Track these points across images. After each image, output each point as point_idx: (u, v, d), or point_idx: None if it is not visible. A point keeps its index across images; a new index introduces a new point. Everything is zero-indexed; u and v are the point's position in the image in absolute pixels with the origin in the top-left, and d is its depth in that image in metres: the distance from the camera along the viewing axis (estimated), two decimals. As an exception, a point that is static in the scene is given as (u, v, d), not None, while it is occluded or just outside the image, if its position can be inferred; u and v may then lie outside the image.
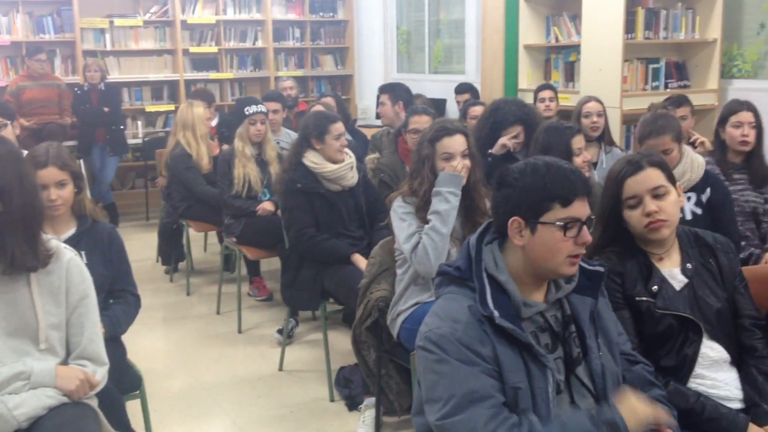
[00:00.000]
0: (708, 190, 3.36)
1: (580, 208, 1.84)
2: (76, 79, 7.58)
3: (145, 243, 6.61)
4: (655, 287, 2.25)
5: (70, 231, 2.81)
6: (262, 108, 4.92)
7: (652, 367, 2.05)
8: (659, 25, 5.92)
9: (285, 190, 3.94)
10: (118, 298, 2.90)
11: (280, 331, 4.51)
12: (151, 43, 8.24)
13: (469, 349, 1.76)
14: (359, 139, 5.86)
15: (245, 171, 4.84)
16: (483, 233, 1.96)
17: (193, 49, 8.38)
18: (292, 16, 8.94)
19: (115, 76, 7.91)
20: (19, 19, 7.62)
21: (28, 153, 2.77)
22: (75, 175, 2.77)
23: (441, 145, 3.05)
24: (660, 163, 2.31)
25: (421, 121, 4.21)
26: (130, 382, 2.85)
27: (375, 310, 3.14)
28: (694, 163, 3.35)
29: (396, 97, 5.43)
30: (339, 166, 3.92)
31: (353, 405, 3.67)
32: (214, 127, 6.35)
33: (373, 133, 5.78)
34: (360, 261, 3.72)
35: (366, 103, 9.04)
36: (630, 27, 5.75)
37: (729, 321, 2.29)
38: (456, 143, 3.05)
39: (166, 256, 5.97)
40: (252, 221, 4.79)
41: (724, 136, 3.83)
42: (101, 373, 2.34)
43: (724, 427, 2.12)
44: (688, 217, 3.32)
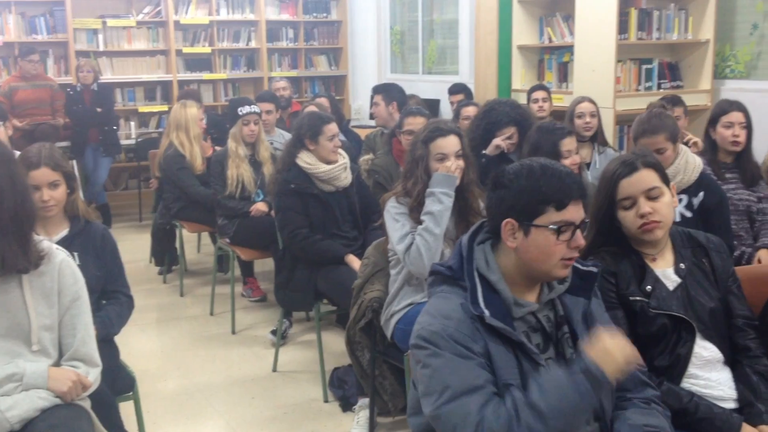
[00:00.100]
0: (701, 194, 3.31)
1: (575, 212, 1.83)
2: (69, 80, 7.56)
3: (139, 244, 6.60)
4: (648, 287, 2.25)
5: (63, 232, 2.80)
6: (256, 108, 4.91)
7: (645, 368, 2.05)
8: (652, 25, 5.94)
9: (278, 190, 3.93)
10: (111, 299, 2.90)
11: (273, 332, 4.51)
12: (144, 44, 8.23)
13: (462, 344, 1.76)
14: (353, 140, 5.85)
15: (239, 172, 4.83)
16: (475, 233, 1.96)
17: (186, 50, 8.37)
18: (285, 17, 8.93)
19: (107, 77, 7.90)
20: (12, 20, 7.60)
21: (20, 154, 2.76)
22: (68, 176, 2.77)
23: (435, 145, 3.05)
24: (654, 164, 2.32)
25: (416, 122, 4.21)
26: (123, 383, 2.85)
27: (369, 310, 3.13)
28: (688, 164, 3.31)
29: (390, 97, 5.42)
30: (332, 167, 3.91)
31: (347, 406, 3.67)
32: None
33: (366, 134, 5.77)
34: (354, 262, 3.72)
35: (359, 104, 9.03)
36: (623, 27, 5.76)
37: (722, 321, 2.29)
38: (449, 144, 3.05)
39: (159, 257, 5.96)
40: (245, 222, 4.78)
41: (715, 137, 3.84)
42: (94, 374, 2.33)
43: (717, 426, 2.12)
44: (677, 219, 3.30)
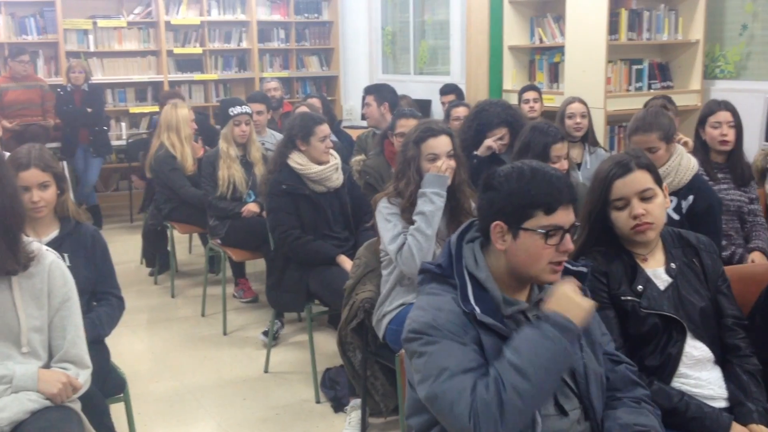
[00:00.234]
0: (691, 198, 3.24)
1: (564, 216, 1.83)
2: (59, 81, 7.53)
3: (130, 245, 6.58)
4: (640, 287, 2.25)
5: (53, 233, 2.79)
6: (247, 109, 4.90)
7: (635, 367, 2.06)
8: (642, 26, 5.96)
9: (270, 191, 3.93)
10: (102, 301, 2.88)
11: (265, 333, 4.50)
12: (134, 44, 8.20)
13: (454, 333, 1.77)
14: (344, 141, 5.85)
15: (230, 172, 4.82)
16: (464, 231, 1.97)
17: (178, 50, 8.35)
18: (276, 17, 8.92)
19: (98, 78, 7.87)
20: (2, 20, 7.57)
21: (10, 155, 2.75)
22: (57, 177, 2.76)
23: (426, 146, 3.05)
24: (648, 166, 2.32)
25: (409, 124, 4.19)
26: (113, 385, 2.84)
27: (360, 311, 3.14)
28: (681, 166, 3.25)
29: (381, 98, 5.42)
30: (324, 168, 3.91)
31: (339, 406, 3.67)
32: None
33: (358, 135, 5.77)
34: (345, 262, 3.71)
35: (351, 104, 9.03)
36: (613, 28, 5.78)
37: (712, 320, 2.30)
38: (441, 144, 3.05)
39: (150, 258, 5.94)
40: (237, 223, 4.77)
41: (705, 137, 3.85)
42: (84, 376, 2.32)
43: (707, 426, 2.13)
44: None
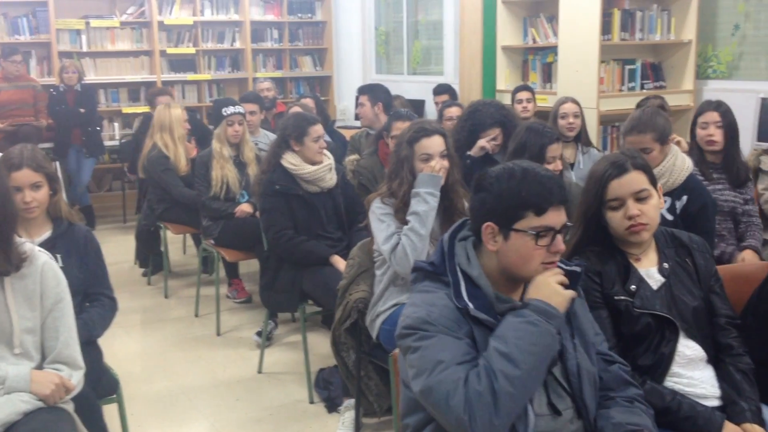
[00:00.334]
0: (684, 198, 3.26)
1: (555, 217, 1.83)
2: (52, 81, 7.50)
3: (123, 245, 6.56)
4: (633, 287, 2.26)
5: (46, 234, 2.78)
6: (240, 109, 4.90)
7: (628, 367, 2.06)
8: (635, 26, 5.97)
9: (263, 191, 3.92)
10: (94, 302, 2.87)
11: (259, 334, 4.49)
12: (127, 44, 8.18)
13: (448, 327, 1.78)
14: (338, 141, 5.85)
15: (223, 173, 4.81)
16: (456, 230, 1.98)
17: (171, 50, 8.33)
18: (270, 17, 8.91)
19: (91, 78, 7.84)
20: (-6, 21, 7.54)
21: (2, 155, 2.74)
22: (50, 177, 2.75)
23: (419, 146, 3.06)
24: (644, 166, 2.33)
25: (405, 127, 4.19)
26: (106, 386, 2.83)
27: (354, 311, 3.14)
28: (675, 167, 3.26)
29: (375, 98, 5.42)
30: (317, 168, 3.91)
31: (333, 407, 3.67)
32: None
33: (352, 135, 5.77)
34: (339, 262, 3.71)
35: (345, 105, 9.03)
36: (606, 28, 5.80)
37: (705, 320, 2.31)
38: (434, 144, 3.05)
39: (143, 258, 5.92)
40: (230, 223, 4.76)
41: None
42: (77, 377, 2.32)
43: (700, 425, 2.13)
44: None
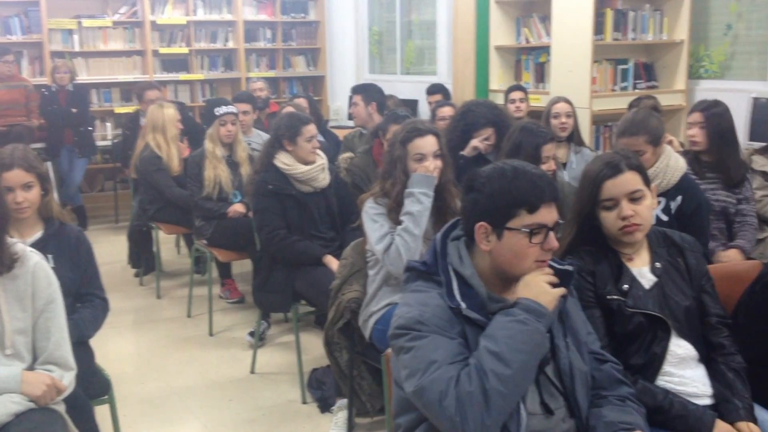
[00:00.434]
0: (679, 198, 3.27)
1: (547, 214, 1.84)
2: (44, 81, 7.47)
3: (115, 246, 6.54)
4: (625, 286, 2.27)
5: (37, 234, 2.77)
6: (232, 109, 4.89)
7: (620, 366, 2.06)
8: (627, 26, 5.99)
9: (256, 191, 3.92)
10: (86, 302, 2.86)
11: (251, 334, 4.49)
12: (120, 44, 8.16)
13: (440, 327, 1.78)
14: (331, 141, 5.85)
15: (216, 173, 4.80)
16: (449, 229, 1.98)
17: (163, 50, 8.31)
18: (263, 17, 8.89)
19: (83, 78, 7.81)
20: (-15, 20, 7.52)
21: (-7, 156, 2.73)
22: (41, 177, 2.74)
23: (413, 146, 3.05)
24: (638, 167, 2.34)
25: None
26: (98, 386, 2.82)
27: (347, 311, 3.14)
28: (669, 168, 3.26)
29: (369, 98, 5.41)
30: (310, 168, 3.90)
31: (326, 407, 3.66)
32: None
33: (345, 134, 5.77)
34: (332, 262, 3.71)
35: (338, 104, 9.03)
36: (599, 28, 5.81)
37: (697, 319, 2.31)
38: (428, 144, 3.05)
39: (135, 259, 5.90)
40: (223, 223, 4.75)
41: None
42: (68, 378, 2.31)
43: (691, 423, 2.14)
44: (653, 221, 3.30)
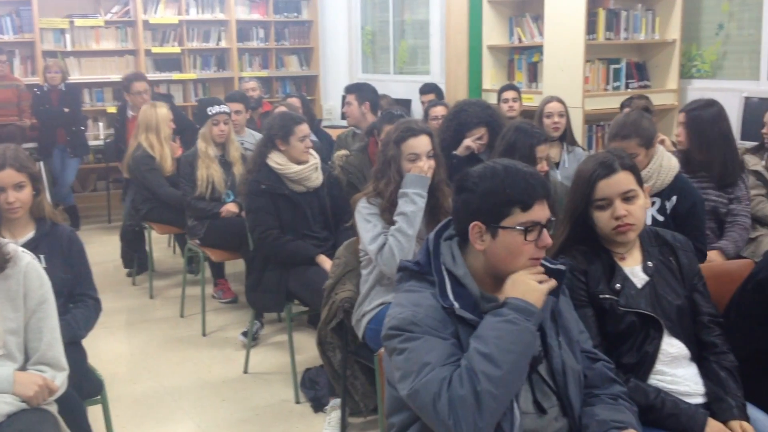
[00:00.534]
0: (674, 198, 3.29)
1: (540, 212, 1.85)
2: (36, 80, 7.45)
3: (108, 246, 6.53)
4: (617, 285, 2.27)
5: (29, 234, 2.77)
6: (225, 108, 4.88)
7: (612, 364, 2.07)
8: (620, 25, 6.00)
9: (249, 191, 3.91)
10: (78, 303, 2.86)
11: (244, 334, 4.48)
12: (112, 44, 8.14)
13: (433, 327, 1.78)
14: (324, 140, 5.84)
15: (209, 172, 4.79)
16: (442, 229, 1.98)
17: (156, 50, 8.29)
18: (256, 17, 8.89)
19: (75, 77, 7.79)
20: (-23, 20, 7.49)
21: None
22: (33, 177, 2.74)
23: (407, 146, 3.05)
24: (631, 167, 2.34)
25: None
26: (91, 387, 2.82)
27: (340, 311, 3.14)
28: (662, 168, 3.28)
29: (363, 97, 5.40)
30: (303, 167, 3.90)
31: (319, 406, 3.66)
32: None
33: (338, 134, 5.77)
34: (325, 262, 3.71)
35: (331, 104, 9.02)
36: (591, 28, 5.82)
37: (688, 318, 2.32)
38: (421, 144, 3.05)
39: (128, 259, 5.89)
40: (216, 223, 4.75)
41: None
42: (61, 378, 2.31)
43: (683, 422, 2.14)
44: (648, 222, 3.30)
